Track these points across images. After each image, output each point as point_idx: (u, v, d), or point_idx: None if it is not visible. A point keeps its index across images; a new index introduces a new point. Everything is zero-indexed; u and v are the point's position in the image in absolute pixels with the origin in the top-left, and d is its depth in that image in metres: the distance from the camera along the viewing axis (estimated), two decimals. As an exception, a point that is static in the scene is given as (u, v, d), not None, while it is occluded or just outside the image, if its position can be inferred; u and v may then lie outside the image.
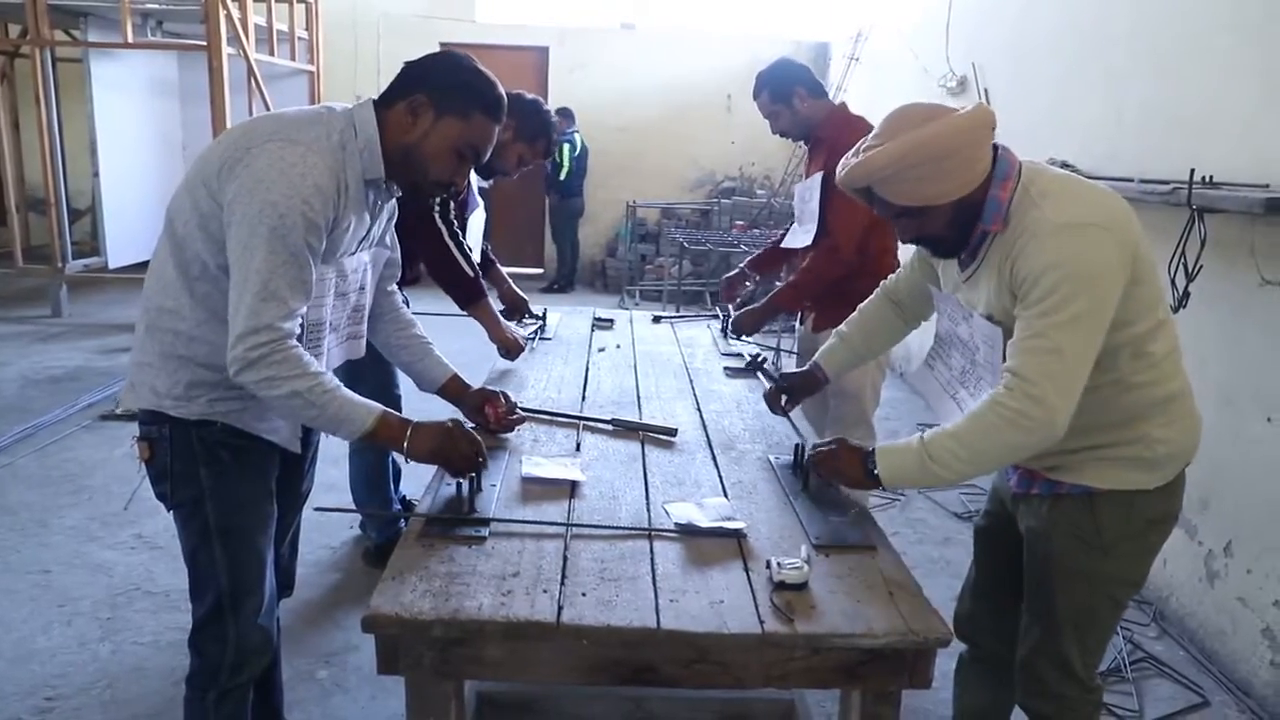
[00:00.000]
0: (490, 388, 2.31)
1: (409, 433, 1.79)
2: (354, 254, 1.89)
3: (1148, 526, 1.82)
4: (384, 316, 2.18)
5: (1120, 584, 1.86)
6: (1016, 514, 1.96)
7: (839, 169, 1.76)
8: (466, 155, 1.82)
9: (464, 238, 3.46)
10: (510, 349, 3.03)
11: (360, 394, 1.79)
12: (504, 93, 1.85)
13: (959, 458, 1.66)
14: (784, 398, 2.37)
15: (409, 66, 1.83)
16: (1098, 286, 1.59)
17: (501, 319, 3.11)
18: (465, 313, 3.10)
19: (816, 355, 2.38)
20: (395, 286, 2.22)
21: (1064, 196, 1.65)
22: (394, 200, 1.99)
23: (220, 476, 1.81)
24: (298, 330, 1.70)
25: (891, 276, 2.26)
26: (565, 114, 9.20)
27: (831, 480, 1.86)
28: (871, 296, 2.30)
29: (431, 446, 1.81)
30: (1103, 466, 1.78)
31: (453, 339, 3.08)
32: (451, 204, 3.09)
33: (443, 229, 3.03)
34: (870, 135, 1.73)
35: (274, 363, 1.64)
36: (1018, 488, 1.93)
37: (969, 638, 2.18)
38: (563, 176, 9.44)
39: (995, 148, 1.71)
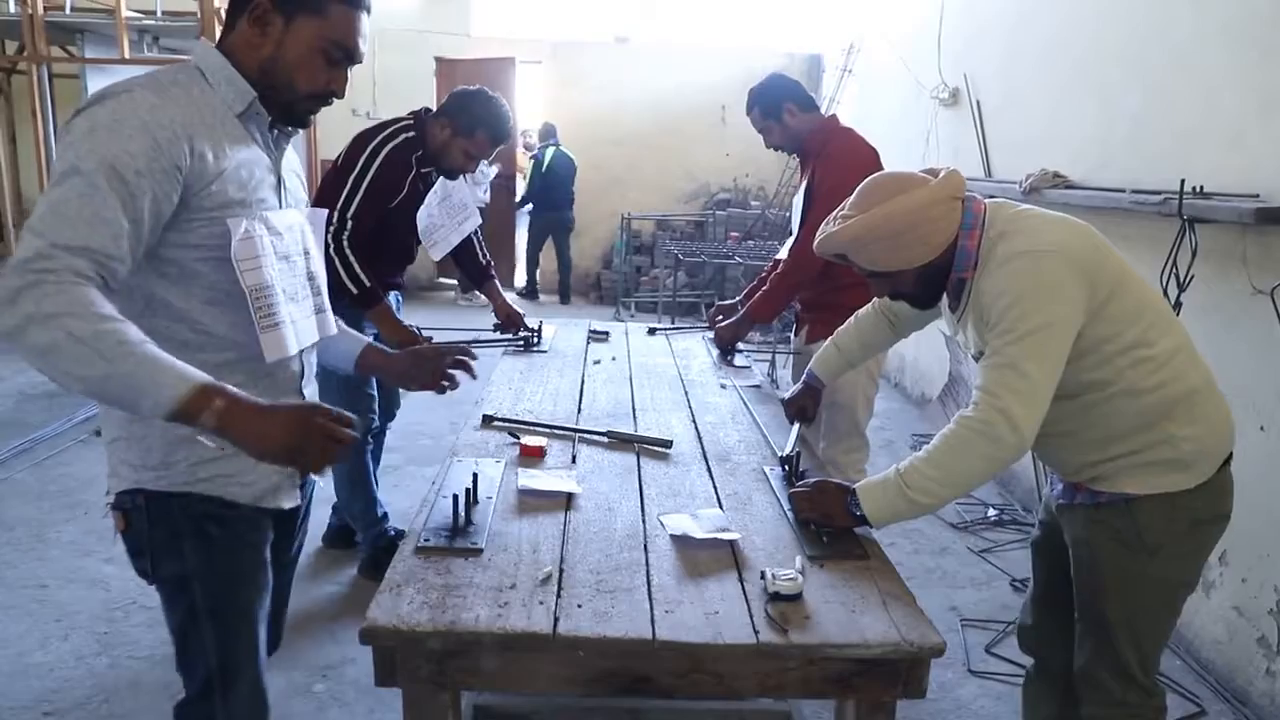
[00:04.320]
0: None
1: (243, 412, 1.31)
2: (281, 209, 1.64)
3: (1193, 527, 1.85)
4: None
5: (1171, 586, 1.88)
6: (1062, 525, 1.99)
7: (817, 235, 1.91)
8: (335, 56, 1.54)
9: (415, 234, 3.33)
10: (404, 340, 2.81)
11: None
12: None
13: (934, 479, 1.72)
14: (798, 419, 2.50)
15: None
16: (1045, 304, 1.70)
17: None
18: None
19: (810, 364, 2.49)
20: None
21: (1016, 234, 1.78)
22: (296, 156, 1.75)
23: (208, 553, 1.58)
24: (94, 276, 1.31)
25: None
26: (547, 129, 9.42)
27: (820, 523, 1.84)
28: (866, 308, 2.40)
29: (285, 440, 1.34)
30: (1136, 472, 1.82)
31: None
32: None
33: (330, 243, 2.88)
34: (848, 203, 1.88)
35: (44, 295, 1.24)
36: (1061, 498, 1.97)
37: (1033, 651, 2.19)
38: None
39: (964, 199, 1.83)
